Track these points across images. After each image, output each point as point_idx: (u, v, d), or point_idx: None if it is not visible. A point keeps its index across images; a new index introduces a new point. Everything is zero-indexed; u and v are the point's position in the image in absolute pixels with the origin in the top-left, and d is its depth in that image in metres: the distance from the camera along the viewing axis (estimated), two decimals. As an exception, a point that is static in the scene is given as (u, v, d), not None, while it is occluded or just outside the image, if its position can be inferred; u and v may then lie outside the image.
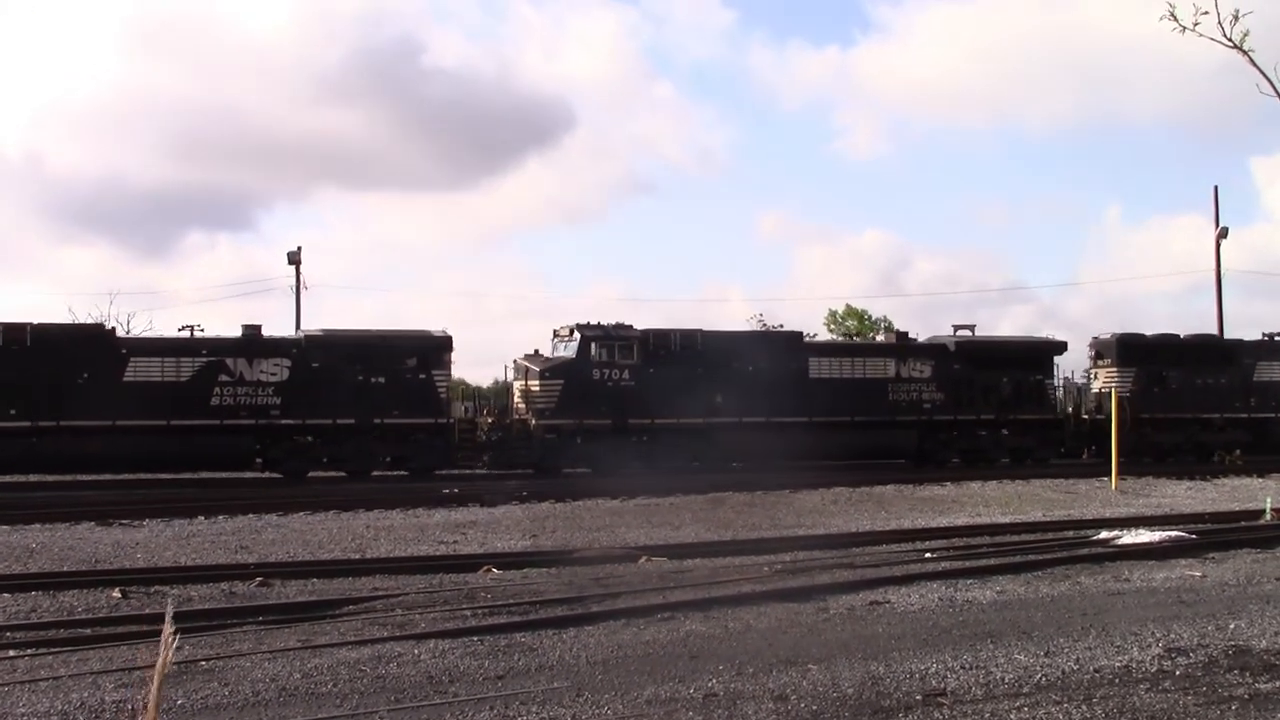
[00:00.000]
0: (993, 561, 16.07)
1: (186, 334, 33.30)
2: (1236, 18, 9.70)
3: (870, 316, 79.10)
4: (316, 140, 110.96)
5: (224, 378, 32.65)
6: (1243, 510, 23.88)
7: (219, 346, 33.10)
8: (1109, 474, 30.66)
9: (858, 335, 72.47)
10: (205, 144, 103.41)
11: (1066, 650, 10.19)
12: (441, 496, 26.48)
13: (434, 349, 35.00)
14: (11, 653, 10.53)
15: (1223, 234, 54.76)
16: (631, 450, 34.39)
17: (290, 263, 51.57)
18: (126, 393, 31.59)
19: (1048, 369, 40.55)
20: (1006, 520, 22.55)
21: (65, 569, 16.10)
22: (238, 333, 33.68)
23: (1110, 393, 36.00)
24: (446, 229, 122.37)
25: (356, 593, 13.75)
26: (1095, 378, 41.63)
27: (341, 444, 33.39)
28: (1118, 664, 9.66)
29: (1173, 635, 10.84)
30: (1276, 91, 9.94)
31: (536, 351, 36.28)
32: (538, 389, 34.75)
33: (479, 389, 35.82)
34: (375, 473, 33.65)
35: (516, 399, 35.80)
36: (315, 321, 48.56)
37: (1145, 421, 39.42)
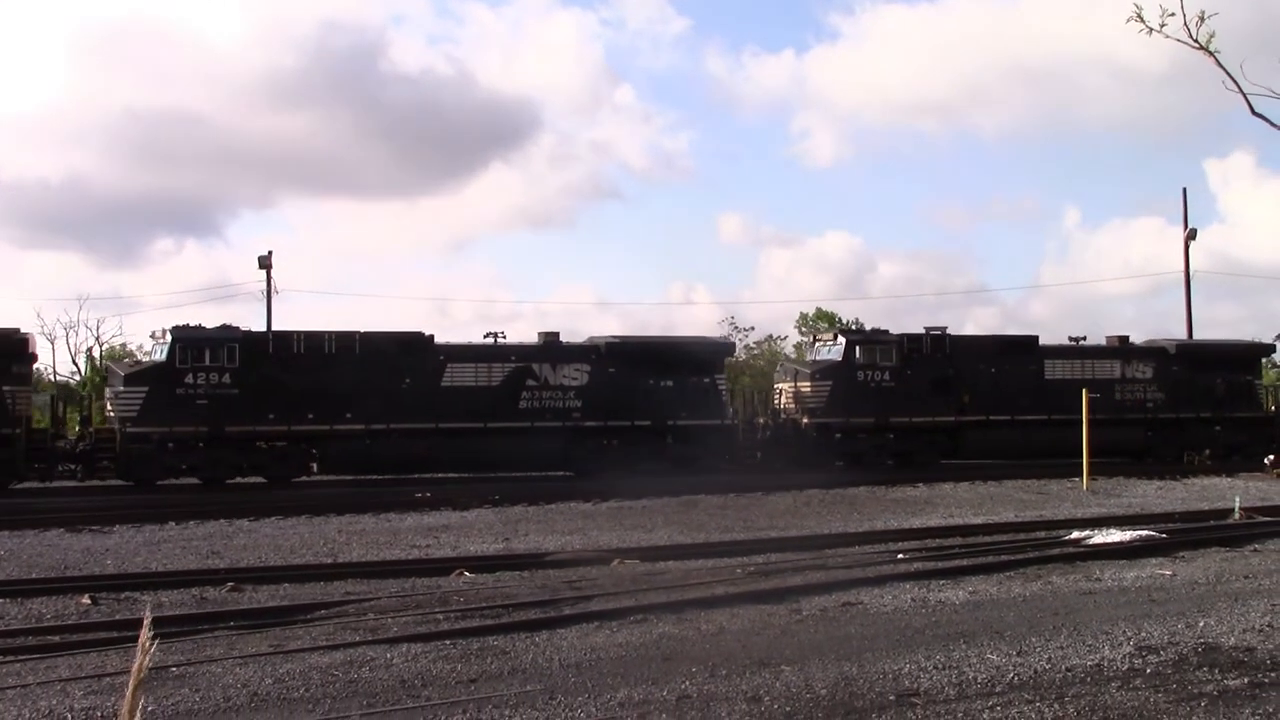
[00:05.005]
0: (965, 562, 16.11)
1: (491, 340, 34.85)
2: (1202, 19, 9.77)
3: (841, 320, 79.36)
4: (279, 146, 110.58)
5: (530, 382, 34.40)
6: (1212, 509, 24.04)
7: (526, 352, 34.86)
8: (1081, 474, 30.83)
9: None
10: (168, 151, 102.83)
11: (1039, 649, 10.23)
12: (413, 500, 26.41)
13: (719, 354, 37.64)
14: (-21, 660, 10.44)
15: (1191, 235, 54.86)
16: (890, 447, 37.17)
17: (261, 267, 51.28)
18: (445, 397, 33.38)
19: (1256, 370, 42.87)
20: (979, 521, 22.62)
21: (33, 575, 16.00)
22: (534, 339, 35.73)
23: None
24: (412, 234, 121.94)
25: (328, 597, 13.69)
26: None
27: (637, 445, 34.52)
28: (1089, 663, 9.70)
29: (1143, 634, 10.90)
30: (1241, 91, 10.01)
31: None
32: (809, 389, 36.93)
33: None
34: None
35: (785, 399, 37.73)
36: (289, 325, 48.24)
37: None
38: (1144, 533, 18.86)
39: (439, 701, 8.65)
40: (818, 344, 38.81)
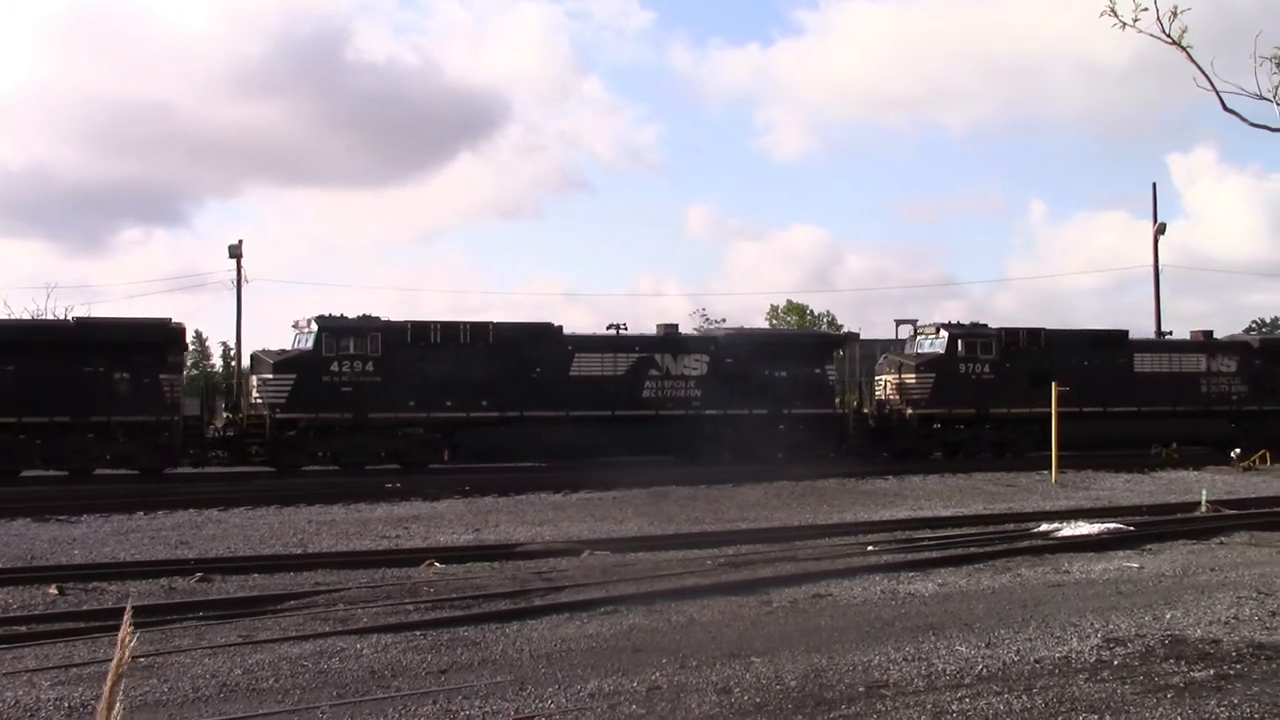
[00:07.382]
0: (934, 554, 16.19)
1: (614, 332, 35.68)
2: (1175, 14, 9.83)
3: (811, 312, 79.71)
4: (245, 136, 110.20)
5: (653, 372, 35.48)
6: (1179, 503, 24.21)
7: (649, 343, 35.95)
8: (1050, 467, 31.00)
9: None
10: (132, 139, 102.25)
11: (1007, 641, 10.29)
12: (384, 490, 26.33)
13: (829, 346, 39.34)
14: (-56, 650, 10.35)
15: (1161, 230, 55.10)
16: (988, 437, 38.38)
17: (231, 256, 51.00)
18: (574, 386, 34.37)
19: None
20: (948, 513, 22.69)
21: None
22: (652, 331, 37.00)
23: None
24: (380, 224, 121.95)
25: (298, 588, 13.65)
26: None
27: (751, 433, 35.10)
28: (1057, 654, 9.76)
29: (1111, 626, 10.98)
30: (1214, 86, 10.08)
31: None
32: (913, 381, 37.78)
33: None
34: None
35: (889, 390, 38.57)
36: (258, 315, 48.21)
37: None
38: (1112, 525, 18.97)
39: (409, 692, 8.63)
40: (919, 337, 39.48)
